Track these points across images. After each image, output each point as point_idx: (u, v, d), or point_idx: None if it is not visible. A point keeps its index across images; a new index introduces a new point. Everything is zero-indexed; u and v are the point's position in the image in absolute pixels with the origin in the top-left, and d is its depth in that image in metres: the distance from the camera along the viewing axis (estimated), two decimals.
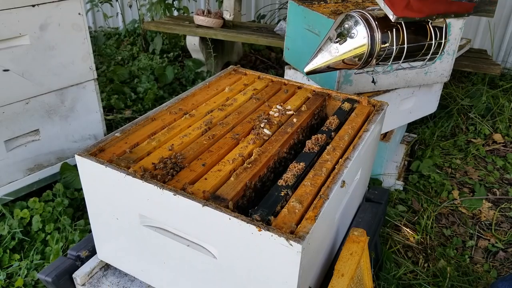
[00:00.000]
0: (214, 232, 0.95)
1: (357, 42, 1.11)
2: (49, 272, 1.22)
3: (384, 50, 1.13)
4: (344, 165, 1.09)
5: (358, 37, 1.11)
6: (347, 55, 1.13)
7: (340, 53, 1.13)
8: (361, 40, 1.11)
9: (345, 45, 1.12)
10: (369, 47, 1.11)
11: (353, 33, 1.11)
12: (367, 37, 1.10)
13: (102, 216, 1.17)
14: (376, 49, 1.12)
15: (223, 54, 3.76)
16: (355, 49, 1.12)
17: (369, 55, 1.13)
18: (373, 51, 1.12)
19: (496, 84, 3.39)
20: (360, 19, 1.11)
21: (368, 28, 1.10)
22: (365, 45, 1.11)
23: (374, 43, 1.11)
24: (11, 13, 1.79)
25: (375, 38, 1.11)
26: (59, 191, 2.07)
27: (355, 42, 1.11)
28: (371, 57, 1.13)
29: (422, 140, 2.81)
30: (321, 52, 1.17)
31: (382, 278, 1.79)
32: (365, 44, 1.11)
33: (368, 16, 1.12)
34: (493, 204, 2.31)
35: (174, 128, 1.24)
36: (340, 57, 1.14)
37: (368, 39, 1.10)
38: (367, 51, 1.11)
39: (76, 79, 2.11)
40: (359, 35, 1.11)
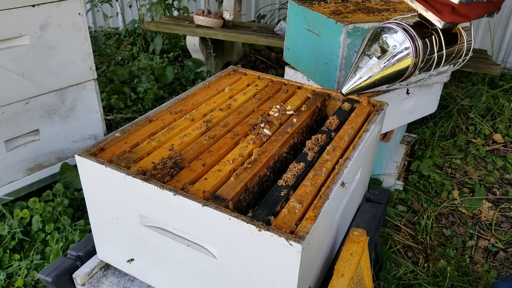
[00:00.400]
0: (214, 232, 0.95)
1: (401, 54, 1.05)
2: (49, 272, 1.23)
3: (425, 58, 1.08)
4: (344, 165, 1.09)
5: (401, 49, 1.05)
6: (391, 70, 1.07)
7: (383, 69, 1.07)
8: (404, 51, 1.05)
9: (387, 58, 1.06)
10: (413, 58, 1.05)
11: (395, 45, 1.05)
12: (411, 48, 1.04)
13: (102, 216, 1.17)
14: (420, 59, 1.07)
15: (223, 54, 3.76)
16: (400, 61, 1.06)
17: (413, 66, 1.07)
18: (417, 62, 1.07)
19: (496, 84, 3.39)
20: (399, 29, 1.05)
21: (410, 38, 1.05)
22: (410, 57, 1.05)
23: (418, 53, 1.06)
24: (11, 13, 1.79)
25: (418, 47, 1.05)
26: (59, 191, 2.07)
27: (398, 54, 1.05)
28: (415, 67, 1.08)
29: (422, 140, 2.81)
30: (360, 70, 1.10)
31: (382, 278, 1.79)
32: (409, 55, 1.05)
33: (405, 26, 1.06)
34: (493, 204, 2.31)
35: (174, 128, 1.24)
36: (383, 72, 1.07)
37: (412, 50, 1.05)
38: (412, 63, 1.06)
39: (76, 79, 2.11)
40: (401, 47, 1.05)
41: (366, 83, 1.10)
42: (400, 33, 1.05)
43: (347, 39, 1.80)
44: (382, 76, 1.08)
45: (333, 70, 1.90)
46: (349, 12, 2.00)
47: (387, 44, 1.05)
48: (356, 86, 1.11)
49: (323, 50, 1.94)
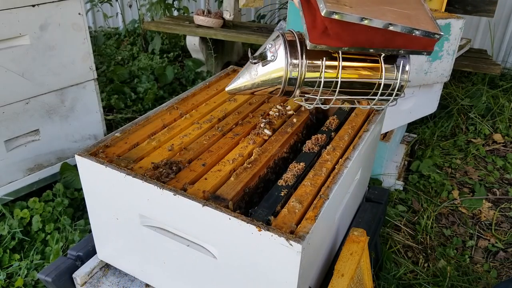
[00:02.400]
0: (214, 232, 0.95)
1: (275, 66, 0.99)
2: (49, 272, 1.23)
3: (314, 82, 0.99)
4: (344, 165, 1.09)
5: (277, 62, 0.98)
6: (264, 79, 1.01)
7: (258, 76, 1.02)
8: (277, 65, 0.98)
9: (264, 68, 1.00)
10: (286, 75, 0.98)
11: (273, 56, 0.98)
12: (285, 62, 0.97)
13: (102, 216, 1.17)
14: (299, 79, 0.98)
15: (223, 54, 3.76)
16: (271, 73, 1.00)
17: (289, 84, 0.99)
18: (293, 81, 0.99)
19: (496, 84, 3.39)
20: (283, 40, 0.98)
21: (290, 52, 0.97)
22: (281, 71, 0.98)
23: (296, 71, 0.97)
24: (11, 13, 1.79)
25: (298, 65, 0.97)
26: (59, 191, 2.07)
27: (273, 67, 0.99)
28: (292, 85, 1.00)
29: (422, 140, 2.81)
30: (243, 73, 1.06)
31: (382, 278, 1.79)
32: (281, 69, 0.98)
33: (295, 39, 0.98)
34: (493, 204, 2.31)
35: (174, 128, 1.24)
36: (257, 80, 1.02)
37: (286, 66, 0.97)
38: (284, 79, 0.99)
39: (76, 79, 2.11)
40: (278, 59, 0.98)
41: (244, 85, 1.06)
42: (281, 43, 0.98)
43: None
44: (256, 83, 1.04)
45: None
46: None
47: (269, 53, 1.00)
48: (235, 86, 1.08)
49: None
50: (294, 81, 0.99)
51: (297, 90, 1.01)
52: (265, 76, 1.01)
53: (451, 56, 2.13)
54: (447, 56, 2.12)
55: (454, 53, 2.13)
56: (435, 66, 2.11)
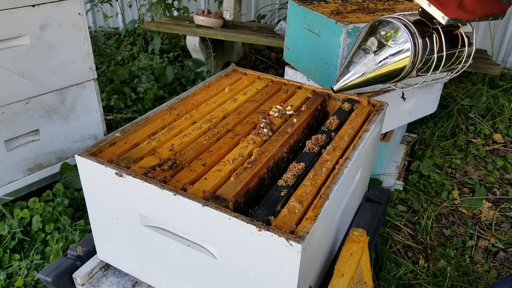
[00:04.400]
0: (214, 232, 0.95)
1: (400, 51, 0.97)
2: (49, 272, 1.23)
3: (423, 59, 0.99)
4: (344, 165, 1.09)
5: (400, 45, 0.96)
6: (387, 67, 0.98)
7: (379, 65, 0.98)
8: (404, 48, 0.96)
9: (385, 55, 0.97)
10: (412, 57, 0.97)
11: (393, 41, 0.96)
12: (410, 45, 0.96)
13: (102, 216, 1.17)
14: (419, 58, 0.98)
15: (223, 54, 3.76)
16: (397, 58, 0.98)
17: (411, 65, 0.99)
18: (415, 60, 0.98)
19: (496, 84, 3.39)
20: (400, 24, 0.97)
21: (410, 34, 0.96)
22: (409, 54, 0.97)
23: (417, 51, 0.97)
24: (11, 13, 1.79)
25: (417, 45, 0.97)
26: (59, 191, 2.07)
27: (397, 51, 0.97)
28: (413, 67, 1.00)
29: (422, 140, 2.81)
30: (354, 66, 1.00)
31: (382, 278, 1.79)
32: (409, 52, 0.96)
33: (405, 21, 0.98)
34: (493, 204, 2.31)
35: (174, 128, 1.24)
36: (379, 69, 0.99)
37: (411, 47, 0.96)
38: (410, 61, 0.98)
39: (76, 79, 2.11)
40: (400, 43, 0.96)
41: (360, 80, 1.02)
42: (401, 28, 0.96)
43: (347, 39, 1.80)
44: (377, 74, 1.00)
45: (333, 70, 1.90)
46: (349, 12, 2.00)
47: (386, 39, 0.97)
48: (349, 83, 1.03)
49: (323, 50, 1.94)
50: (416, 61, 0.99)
51: (414, 71, 1.01)
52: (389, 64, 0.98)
53: None
54: None
55: None
56: None
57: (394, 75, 1.01)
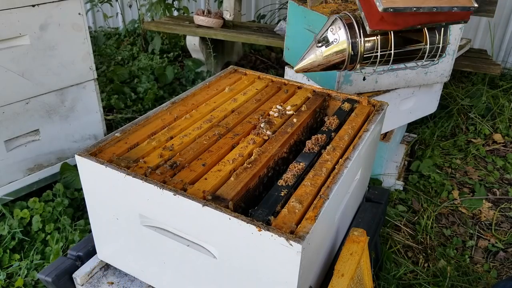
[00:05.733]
0: (214, 232, 0.95)
1: (338, 47, 1.15)
2: (49, 272, 1.23)
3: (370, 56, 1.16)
4: (344, 165, 1.09)
5: (340, 43, 1.15)
6: (330, 58, 1.18)
7: (323, 56, 1.18)
8: (342, 45, 1.14)
9: (328, 49, 1.17)
10: (350, 53, 1.14)
11: (336, 38, 1.15)
12: (347, 43, 1.13)
13: (102, 216, 1.17)
14: (359, 55, 1.15)
15: (223, 54, 3.76)
16: (337, 53, 1.16)
17: (351, 60, 1.16)
18: (355, 57, 1.15)
19: (496, 84, 3.39)
20: (342, 24, 1.14)
21: (350, 34, 1.13)
22: (345, 50, 1.14)
23: (356, 49, 1.14)
24: (11, 13, 1.79)
25: (357, 44, 1.14)
26: (59, 191, 2.07)
27: (337, 47, 1.15)
28: (354, 62, 1.17)
29: (422, 140, 2.81)
30: (308, 54, 1.21)
31: (382, 278, 1.79)
32: (345, 49, 1.14)
33: (352, 20, 1.15)
34: (493, 204, 2.31)
35: (174, 128, 1.24)
36: (324, 60, 1.18)
37: (348, 45, 1.13)
38: (348, 56, 1.15)
39: (76, 79, 2.11)
40: (340, 41, 1.14)
41: (312, 66, 1.21)
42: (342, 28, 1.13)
43: None
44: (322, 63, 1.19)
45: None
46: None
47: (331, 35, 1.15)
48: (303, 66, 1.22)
49: None
50: (355, 56, 1.15)
51: (358, 64, 1.17)
52: (331, 56, 1.17)
53: (451, 56, 2.13)
54: (447, 56, 2.12)
55: (454, 53, 2.13)
56: (435, 66, 2.11)
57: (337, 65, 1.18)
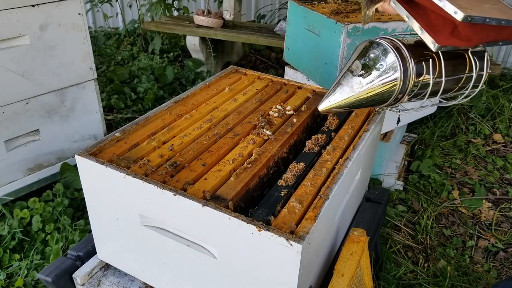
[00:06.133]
0: (214, 232, 0.95)
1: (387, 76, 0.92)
2: (49, 272, 1.23)
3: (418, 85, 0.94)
4: (344, 165, 1.09)
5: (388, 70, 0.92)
6: (374, 91, 0.94)
7: (365, 89, 0.94)
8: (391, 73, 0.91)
9: (372, 78, 0.93)
10: (401, 82, 0.92)
11: (381, 64, 0.92)
12: (399, 70, 0.91)
13: (102, 216, 1.17)
14: (409, 84, 0.93)
15: (223, 54, 3.76)
16: (384, 84, 0.92)
17: (401, 91, 0.94)
18: (405, 86, 0.93)
19: (496, 84, 3.39)
20: (389, 47, 0.92)
21: (400, 59, 0.91)
22: (396, 80, 0.92)
23: (407, 77, 0.92)
24: (11, 13, 1.79)
25: (408, 70, 0.92)
26: (59, 191, 2.07)
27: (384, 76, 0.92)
28: (403, 93, 0.94)
29: (422, 140, 2.81)
30: (341, 87, 0.97)
31: (382, 278, 1.79)
32: (396, 78, 0.91)
33: (398, 44, 0.93)
34: (493, 204, 2.31)
35: (174, 128, 1.24)
36: (365, 93, 0.94)
37: (400, 72, 0.91)
38: (399, 87, 0.92)
39: (76, 79, 2.11)
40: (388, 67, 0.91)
41: (345, 102, 0.97)
42: (390, 51, 0.91)
43: (347, 39, 1.80)
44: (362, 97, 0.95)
45: (333, 70, 1.90)
46: (349, 12, 2.00)
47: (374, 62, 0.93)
48: (333, 104, 0.99)
49: (323, 50, 1.94)
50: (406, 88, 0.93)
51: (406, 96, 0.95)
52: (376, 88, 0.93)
53: None
54: None
55: None
56: None
57: (381, 100, 0.96)
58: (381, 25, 1.84)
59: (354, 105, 0.98)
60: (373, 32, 1.84)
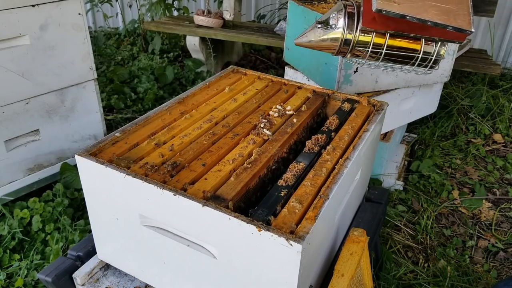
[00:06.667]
0: (214, 232, 0.95)
1: (334, 34, 1.20)
2: (49, 272, 1.23)
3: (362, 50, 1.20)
4: (344, 165, 1.09)
5: (335, 30, 1.19)
6: (322, 42, 1.23)
7: (319, 38, 1.23)
8: (336, 34, 1.19)
9: (325, 33, 1.22)
10: (341, 43, 1.19)
11: (334, 24, 1.19)
12: (341, 32, 1.18)
13: (102, 216, 1.17)
14: (351, 46, 1.19)
15: (223, 54, 3.76)
16: (329, 39, 1.21)
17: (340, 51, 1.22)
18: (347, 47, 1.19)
19: (496, 84, 3.39)
20: (344, 12, 1.18)
21: (348, 24, 1.17)
22: (337, 40, 1.19)
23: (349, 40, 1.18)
24: (11, 13, 1.79)
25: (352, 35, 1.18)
26: (59, 191, 2.07)
27: (333, 34, 1.20)
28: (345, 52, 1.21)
29: (422, 140, 2.81)
30: (308, 32, 1.26)
31: (382, 278, 1.79)
32: (338, 38, 1.19)
33: (355, 12, 1.18)
34: (493, 204, 2.31)
35: (174, 128, 1.24)
36: (319, 41, 1.23)
37: (342, 36, 1.18)
38: (338, 45, 1.20)
39: (76, 79, 2.11)
40: (337, 28, 1.19)
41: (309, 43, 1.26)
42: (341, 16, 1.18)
43: None
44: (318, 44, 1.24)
45: (333, 70, 1.90)
46: None
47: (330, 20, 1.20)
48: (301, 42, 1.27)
49: None
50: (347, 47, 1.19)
51: (349, 54, 1.22)
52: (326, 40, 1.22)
53: (451, 56, 2.13)
54: (447, 56, 2.12)
55: (454, 53, 2.13)
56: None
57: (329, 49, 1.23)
58: None
59: (314, 47, 1.26)
60: None
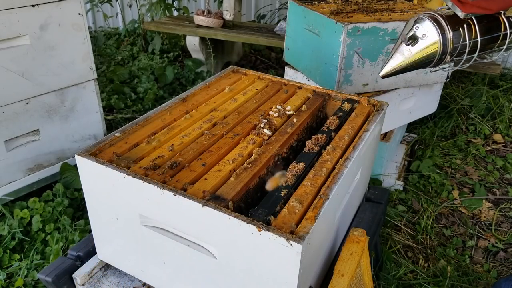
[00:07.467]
0: (214, 232, 0.95)
1: (429, 42, 1.15)
2: (49, 272, 1.23)
3: (457, 47, 1.17)
4: (344, 165, 1.09)
5: (429, 37, 1.15)
6: (420, 55, 1.17)
7: (413, 54, 1.18)
8: (432, 39, 1.15)
9: (417, 46, 1.17)
10: (441, 46, 1.15)
11: (424, 34, 1.15)
12: (437, 36, 1.14)
13: (102, 216, 1.17)
14: (449, 47, 1.16)
15: (223, 54, 3.76)
16: (427, 48, 1.16)
17: (442, 53, 1.17)
18: (445, 49, 1.16)
19: (496, 84, 3.39)
20: (428, 19, 1.15)
21: (439, 28, 1.15)
22: (436, 44, 1.15)
23: (446, 41, 1.15)
24: (11, 13, 1.79)
25: (447, 36, 1.15)
26: (59, 191, 2.07)
27: (427, 42, 1.15)
28: (445, 54, 1.17)
29: (422, 140, 2.81)
30: (395, 55, 1.21)
31: (382, 278, 1.79)
32: (436, 42, 1.15)
33: (437, 16, 1.17)
34: (493, 204, 2.31)
35: (174, 128, 1.24)
36: (413, 58, 1.18)
37: (439, 38, 1.14)
38: (439, 50, 1.16)
39: (76, 79, 2.11)
40: (430, 35, 1.15)
41: (399, 66, 1.20)
42: (428, 22, 1.15)
43: (347, 39, 1.80)
44: (413, 61, 1.19)
45: (333, 70, 1.90)
46: (349, 12, 2.00)
47: (418, 32, 1.16)
48: (390, 69, 1.21)
49: (323, 50, 1.94)
50: (446, 48, 1.16)
51: (448, 56, 1.19)
52: (421, 53, 1.17)
53: None
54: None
55: None
56: None
57: (428, 61, 1.19)
58: (381, 25, 1.85)
59: (407, 69, 1.20)
60: (373, 32, 1.84)
